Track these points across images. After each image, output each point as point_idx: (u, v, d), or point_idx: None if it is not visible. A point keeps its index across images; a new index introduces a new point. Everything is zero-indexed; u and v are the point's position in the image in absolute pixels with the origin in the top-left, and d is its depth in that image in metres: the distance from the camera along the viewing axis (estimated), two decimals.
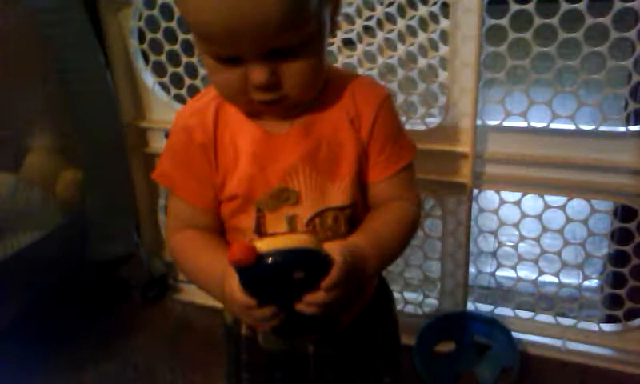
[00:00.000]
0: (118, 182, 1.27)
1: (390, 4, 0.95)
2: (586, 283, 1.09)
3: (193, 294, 1.35)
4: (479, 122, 0.98)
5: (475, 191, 1.04)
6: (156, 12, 1.09)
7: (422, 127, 1.02)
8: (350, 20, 0.99)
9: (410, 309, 1.19)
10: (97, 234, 1.27)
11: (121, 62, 1.18)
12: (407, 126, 1.00)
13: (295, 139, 0.60)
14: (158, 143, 1.25)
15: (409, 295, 1.19)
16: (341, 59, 1.02)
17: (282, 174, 0.60)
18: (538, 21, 0.87)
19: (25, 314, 1.15)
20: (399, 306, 1.17)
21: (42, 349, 1.22)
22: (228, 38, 0.50)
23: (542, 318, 1.11)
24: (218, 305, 0.64)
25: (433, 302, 1.18)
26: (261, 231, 0.61)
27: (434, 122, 1.01)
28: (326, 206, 0.61)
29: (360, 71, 1.00)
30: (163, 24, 1.09)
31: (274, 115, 0.60)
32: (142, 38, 1.15)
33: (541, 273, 1.07)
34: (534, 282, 1.09)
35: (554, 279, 1.08)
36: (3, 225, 1.13)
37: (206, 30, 0.51)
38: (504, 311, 1.14)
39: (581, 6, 0.84)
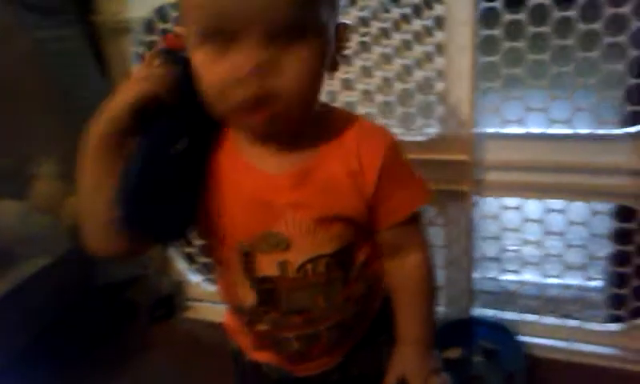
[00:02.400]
0: None
1: (386, 20, 0.97)
2: (590, 284, 1.10)
3: (202, 312, 1.36)
4: (477, 131, 0.99)
5: (476, 198, 1.05)
6: (156, 37, 1.11)
7: (421, 138, 1.03)
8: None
9: None
10: (103, 259, 1.28)
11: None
12: (407, 138, 1.02)
13: (288, 184, 0.57)
14: None
15: None
16: (337, 75, 1.04)
17: (271, 217, 0.58)
18: (530, 29, 0.89)
19: (35, 339, 1.16)
20: None
21: (52, 373, 1.23)
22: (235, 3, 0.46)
23: (548, 320, 1.12)
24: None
25: (439, 309, 1.19)
26: (253, 274, 0.60)
27: (433, 132, 1.03)
28: (318, 253, 0.59)
29: (358, 86, 1.02)
30: None
31: (261, 127, 0.53)
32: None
33: (545, 275, 1.09)
34: (538, 284, 1.10)
35: (558, 281, 1.09)
36: (13, 251, 1.14)
37: None
38: (510, 315, 1.15)
39: (572, 14, 0.86)
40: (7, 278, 1.11)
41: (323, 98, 0.58)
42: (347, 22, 0.59)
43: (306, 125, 0.56)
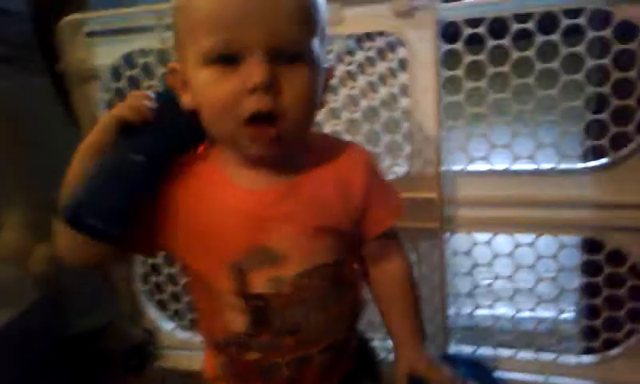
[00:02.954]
0: None
1: (350, 63, 0.99)
2: (563, 316, 1.11)
3: (174, 360, 1.33)
4: (444, 168, 1.01)
5: (447, 234, 1.06)
6: (122, 84, 1.11)
7: (390, 177, 1.04)
8: None
9: (392, 357, 1.19)
10: (73, 307, 1.25)
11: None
12: None
13: (276, 198, 0.59)
14: None
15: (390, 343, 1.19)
16: None
17: (262, 231, 0.59)
18: (490, 69, 0.92)
19: None
20: (383, 354, 1.17)
21: None
22: (239, 23, 0.51)
23: (523, 354, 1.12)
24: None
25: None
26: (245, 293, 0.60)
27: (401, 171, 1.04)
28: (313, 264, 0.61)
29: (326, 127, 1.03)
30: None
31: (265, 147, 0.56)
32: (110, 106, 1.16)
33: (518, 309, 1.09)
34: (512, 318, 1.10)
35: (531, 314, 1.09)
36: None
37: (216, 17, 0.51)
38: (485, 351, 1.15)
39: (530, 53, 0.89)
40: None
41: None
42: (332, 65, 0.67)
43: (296, 146, 0.60)
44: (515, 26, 0.88)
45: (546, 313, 1.11)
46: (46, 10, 1.14)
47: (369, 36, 0.97)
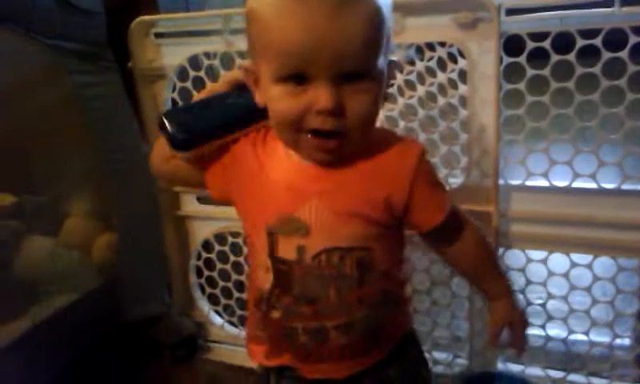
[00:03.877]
0: (150, 245, 1.31)
1: (410, 72, 0.99)
2: (617, 342, 1.07)
3: (222, 354, 1.36)
4: (501, 182, 0.99)
5: (501, 250, 1.05)
6: (189, 84, 1.15)
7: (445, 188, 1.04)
8: None
9: (439, 369, 1.18)
10: (129, 296, 1.30)
11: (154, 130, 1.24)
12: None
13: (317, 173, 0.64)
14: (189, 206, 1.29)
15: (438, 355, 1.19)
16: None
17: (296, 202, 0.63)
18: (553, 84, 0.90)
19: (58, 375, 1.18)
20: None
21: None
22: (309, 53, 0.55)
23: (574, 378, 1.09)
24: (248, 364, 0.66)
25: (463, 362, 1.17)
26: (274, 254, 0.65)
27: (456, 182, 1.03)
28: (333, 245, 0.63)
29: None
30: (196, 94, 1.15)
31: (325, 155, 0.62)
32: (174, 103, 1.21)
33: (570, 331, 1.06)
34: (564, 340, 1.07)
35: (585, 338, 1.06)
36: (41, 287, 1.17)
37: (288, 45, 0.56)
38: (535, 371, 1.13)
39: (595, 70, 0.87)
40: (32, 313, 1.13)
41: None
42: (395, 59, 0.67)
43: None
44: (580, 42, 0.86)
45: (600, 337, 1.07)
46: (120, 11, 1.20)
47: (429, 46, 0.97)
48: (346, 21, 0.54)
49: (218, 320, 1.36)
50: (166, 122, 0.69)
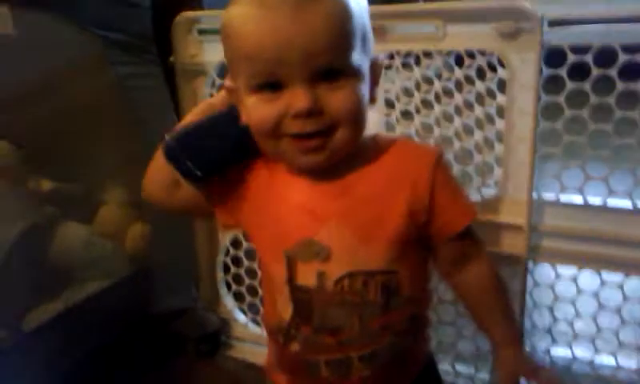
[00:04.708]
0: (181, 237, 1.33)
1: (448, 79, 0.99)
2: None
3: (244, 352, 1.37)
4: (535, 196, 0.99)
5: (530, 264, 1.04)
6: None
7: (477, 198, 1.03)
8: (408, 93, 1.03)
9: (461, 383, 1.17)
10: (158, 287, 1.32)
11: None
12: None
13: (333, 195, 0.62)
14: None
15: (460, 367, 1.18)
16: (399, 129, 1.06)
17: (314, 224, 0.61)
18: (594, 99, 0.89)
19: (84, 360, 1.20)
20: (449, 378, 1.16)
21: None
22: (277, 55, 0.54)
23: None
24: None
25: (485, 376, 1.16)
26: (292, 282, 0.62)
27: (489, 193, 1.03)
28: (356, 269, 0.61)
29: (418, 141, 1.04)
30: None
31: (311, 157, 0.59)
32: None
33: (597, 352, 1.04)
34: (591, 362, 1.05)
35: (612, 361, 1.04)
36: (75, 273, 1.20)
37: (256, 50, 0.55)
38: None
39: (637, 87, 0.86)
40: (65, 297, 1.16)
41: None
42: (379, 56, 0.65)
43: (347, 155, 0.61)
44: (623, 57, 0.85)
45: (628, 361, 1.05)
46: (165, 6, 1.23)
47: (469, 54, 0.97)
48: (310, 18, 0.54)
49: (242, 318, 1.37)
50: (178, 150, 0.64)
